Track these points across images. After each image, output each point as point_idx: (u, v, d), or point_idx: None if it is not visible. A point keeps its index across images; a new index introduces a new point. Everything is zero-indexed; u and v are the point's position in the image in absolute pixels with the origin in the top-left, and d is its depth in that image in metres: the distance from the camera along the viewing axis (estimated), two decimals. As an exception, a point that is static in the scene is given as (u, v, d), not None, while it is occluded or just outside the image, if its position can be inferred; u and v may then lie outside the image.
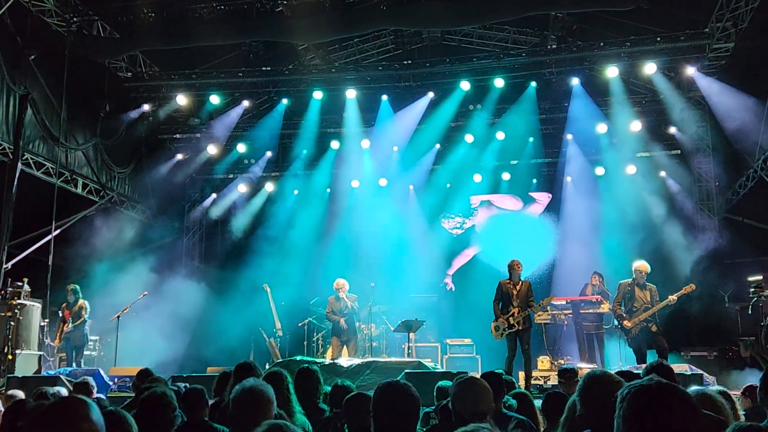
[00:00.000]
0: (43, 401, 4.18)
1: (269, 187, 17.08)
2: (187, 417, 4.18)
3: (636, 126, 14.58)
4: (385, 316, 13.29)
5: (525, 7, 11.97)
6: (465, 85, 14.38)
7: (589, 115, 14.76)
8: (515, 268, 9.74)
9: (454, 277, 16.50)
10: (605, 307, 11.47)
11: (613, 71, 13.62)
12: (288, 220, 16.16)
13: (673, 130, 14.85)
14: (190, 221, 17.20)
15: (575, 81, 14.22)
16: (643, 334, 9.49)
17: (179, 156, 16.23)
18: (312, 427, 4.19)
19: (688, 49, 12.98)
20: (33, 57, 11.73)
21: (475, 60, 14.18)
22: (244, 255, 15.58)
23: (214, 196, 17.15)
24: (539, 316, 11.86)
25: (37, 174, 12.52)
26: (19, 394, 5.85)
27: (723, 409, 3.19)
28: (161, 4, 12.29)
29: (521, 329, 9.51)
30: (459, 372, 7.35)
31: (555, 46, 13.89)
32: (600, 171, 15.56)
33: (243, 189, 17.08)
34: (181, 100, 14.97)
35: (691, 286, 9.81)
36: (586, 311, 11.91)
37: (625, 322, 9.59)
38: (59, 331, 11.58)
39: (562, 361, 11.80)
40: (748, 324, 11.65)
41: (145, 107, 14.86)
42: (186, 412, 4.20)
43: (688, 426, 1.74)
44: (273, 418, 2.99)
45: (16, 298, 10.51)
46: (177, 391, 4.46)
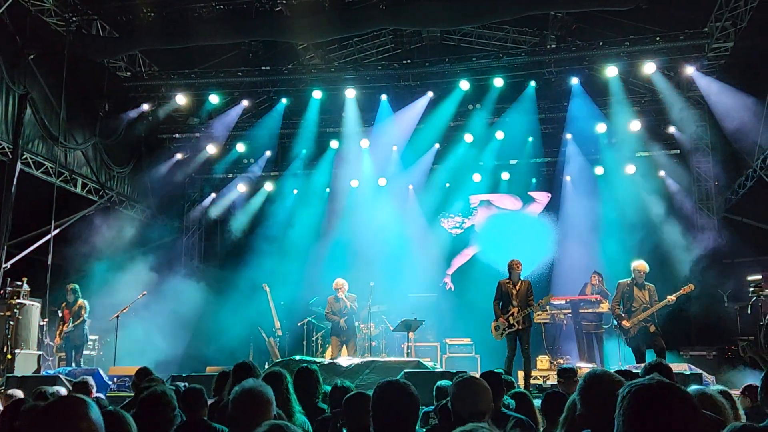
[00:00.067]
0: (41, 401, 4.18)
1: (268, 186, 17.07)
2: (186, 416, 4.18)
3: (635, 125, 14.59)
4: (384, 316, 13.28)
5: (524, 7, 11.96)
6: (464, 85, 14.38)
7: (589, 114, 14.78)
8: (514, 268, 9.74)
9: (453, 277, 16.50)
10: (604, 307, 11.47)
11: (612, 71, 13.63)
12: (287, 219, 16.15)
13: (672, 129, 14.86)
14: (190, 221, 17.20)
15: (574, 80, 14.22)
16: (642, 334, 9.48)
17: (178, 155, 16.24)
18: (312, 427, 4.18)
19: (687, 49, 12.99)
20: (32, 56, 11.73)
21: (474, 59, 14.18)
22: (244, 254, 15.58)
23: (213, 195, 17.16)
24: (538, 315, 11.87)
25: (37, 173, 12.52)
26: (19, 393, 5.85)
27: (723, 408, 3.19)
28: (160, 4, 12.28)
29: (521, 329, 9.52)
30: (458, 371, 7.36)
31: (554, 46, 13.89)
32: (599, 170, 15.57)
33: (242, 188, 17.07)
34: (181, 99, 14.96)
35: (690, 287, 9.80)
36: (586, 311, 11.91)
37: (624, 322, 9.59)
38: (59, 330, 11.59)
39: (562, 361, 11.81)
40: (747, 323, 11.67)
41: (145, 107, 14.86)
42: (185, 411, 4.20)
43: (688, 425, 1.75)
44: (272, 418, 2.99)
45: (15, 297, 10.51)
46: (176, 390, 4.45)
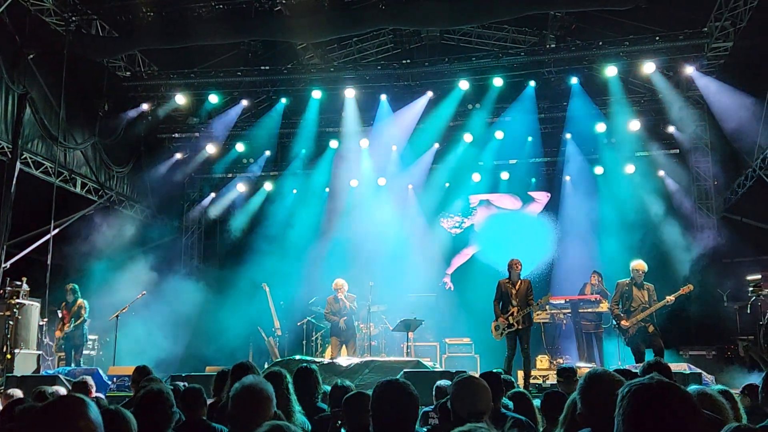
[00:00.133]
0: (38, 402, 4.18)
1: (268, 186, 17.06)
2: (186, 416, 4.18)
3: (635, 125, 14.60)
4: (384, 316, 13.28)
5: (524, 6, 11.96)
6: (464, 85, 14.39)
7: (588, 114, 14.80)
8: (514, 268, 9.74)
9: (453, 277, 16.50)
10: (604, 307, 11.47)
11: (611, 70, 13.63)
12: (287, 219, 16.13)
13: (671, 129, 14.86)
14: (189, 220, 17.20)
15: (574, 80, 14.23)
16: (641, 333, 9.47)
17: (178, 155, 16.24)
18: (311, 427, 4.18)
19: (686, 49, 12.99)
20: (32, 56, 11.72)
21: (474, 59, 14.18)
22: (243, 254, 15.58)
23: (213, 195, 17.15)
24: (538, 315, 11.86)
25: (36, 173, 12.51)
26: (18, 393, 5.85)
27: (723, 408, 3.19)
28: (160, 4, 12.28)
29: (521, 328, 9.51)
30: (458, 371, 7.36)
31: (554, 46, 13.88)
32: (599, 170, 15.57)
33: (242, 188, 17.07)
34: (180, 99, 14.96)
35: (689, 287, 9.78)
36: (585, 310, 11.91)
37: (623, 322, 9.59)
38: (59, 327, 11.52)
39: (561, 361, 11.82)
40: (746, 323, 11.69)
41: (144, 106, 14.86)
42: (184, 411, 4.20)
43: (688, 425, 1.74)
44: (272, 415, 2.98)
45: (14, 297, 10.50)
46: (176, 390, 4.45)
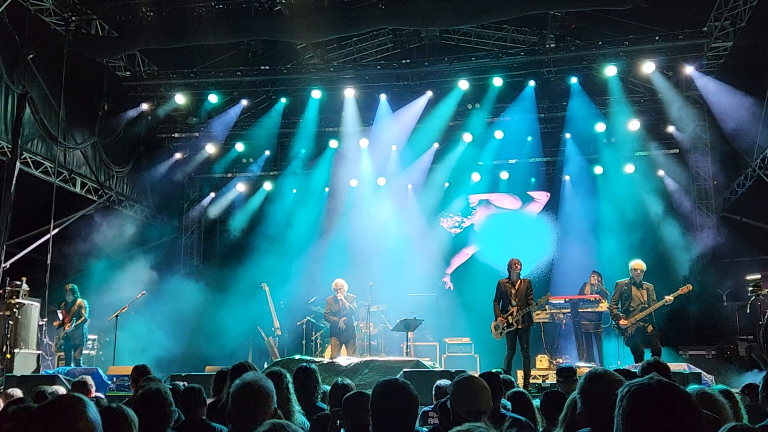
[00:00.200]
0: (31, 402, 4.18)
1: (268, 186, 17.06)
2: (185, 416, 4.18)
3: (634, 125, 14.60)
4: (383, 315, 13.28)
5: (523, 6, 11.96)
6: (463, 84, 14.39)
7: (588, 114, 14.80)
8: (514, 267, 9.74)
9: (452, 276, 16.50)
10: (603, 306, 11.47)
11: (611, 70, 13.64)
12: (286, 219, 16.12)
13: (671, 128, 14.86)
14: (189, 220, 17.20)
15: (574, 80, 14.24)
16: (640, 333, 9.48)
17: (178, 155, 16.23)
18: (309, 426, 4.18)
19: (686, 48, 13.00)
20: (31, 56, 11.72)
21: (473, 59, 14.18)
22: (243, 254, 15.57)
23: (212, 195, 17.15)
24: (537, 315, 11.85)
25: (36, 173, 12.51)
26: (18, 392, 5.85)
27: (723, 408, 3.19)
28: (160, 3, 12.27)
29: (520, 328, 9.51)
30: (458, 371, 7.37)
31: (553, 45, 13.88)
32: (598, 170, 15.56)
33: (241, 188, 17.06)
34: (180, 99, 14.96)
35: (688, 287, 9.78)
36: (585, 310, 11.91)
37: (622, 321, 9.60)
38: (58, 324, 11.47)
39: (561, 360, 11.82)
40: (746, 323, 11.70)
41: (144, 106, 14.86)
42: (184, 411, 4.19)
43: (687, 425, 1.74)
44: (273, 413, 2.98)
45: (14, 297, 10.49)
46: (175, 389, 4.45)
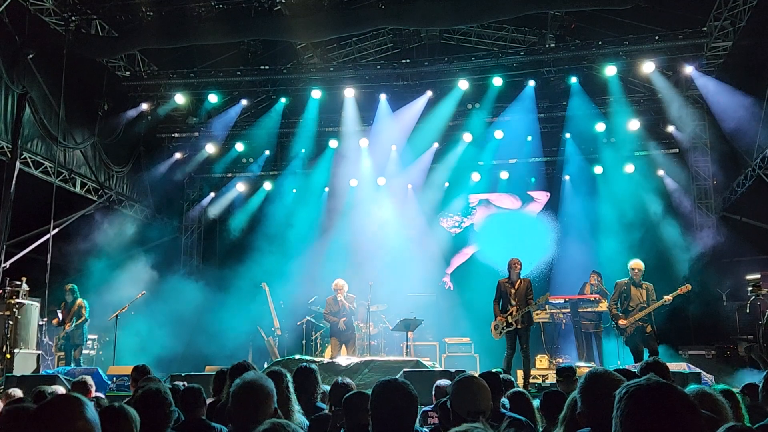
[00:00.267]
0: (29, 403, 4.18)
1: (267, 185, 17.06)
2: (185, 416, 4.18)
3: (634, 124, 14.60)
4: (383, 315, 13.28)
5: (523, 6, 11.96)
6: (463, 84, 14.39)
7: (588, 113, 14.80)
8: (513, 267, 9.74)
9: (452, 276, 16.50)
10: (603, 306, 11.47)
11: (611, 70, 13.64)
12: (286, 218, 16.12)
13: (671, 128, 14.86)
14: (189, 220, 17.20)
15: (573, 80, 14.23)
16: (639, 333, 9.48)
17: (177, 155, 16.23)
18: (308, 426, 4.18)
19: (686, 48, 13.00)
20: (31, 56, 11.71)
21: (473, 59, 14.18)
22: (243, 254, 15.57)
23: (212, 195, 17.15)
24: (537, 314, 11.85)
25: (36, 173, 12.51)
26: (18, 392, 5.85)
27: (722, 408, 3.18)
28: (160, 3, 12.27)
29: (520, 328, 9.51)
30: (458, 370, 7.37)
31: (553, 45, 13.87)
32: (598, 170, 15.56)
33: (241, 188, 17.07)
34: (180, 99, 14.96)
35: (687, 287, 9.78)
36: (585, 310, 11.91)
37: (621, 321, 9.60)
38: (56, 322, 11.45)
39: (561, 360, 11.82)
40: (745, 322, 11.69)
41: (144, 106, 14.85)
42: (184, 411, 4.19)
43: (686, 425, 1.74)
44: (273, 412, 2.98)
45: (14, 297, 10.49)
46: (175, 389, 4.45)
